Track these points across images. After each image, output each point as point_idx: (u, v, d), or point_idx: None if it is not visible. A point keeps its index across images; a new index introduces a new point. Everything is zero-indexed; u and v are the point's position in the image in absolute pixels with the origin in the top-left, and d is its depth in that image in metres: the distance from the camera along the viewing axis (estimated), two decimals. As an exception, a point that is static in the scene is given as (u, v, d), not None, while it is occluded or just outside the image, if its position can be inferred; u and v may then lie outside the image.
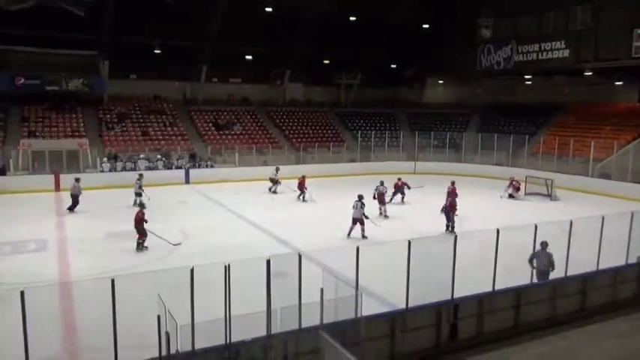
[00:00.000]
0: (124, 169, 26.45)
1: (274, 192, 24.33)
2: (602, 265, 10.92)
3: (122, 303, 6.84)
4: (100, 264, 12.85)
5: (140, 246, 14.57)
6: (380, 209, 19.19)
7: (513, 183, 23.64)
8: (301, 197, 22.60)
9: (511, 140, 30.88)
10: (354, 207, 16.03)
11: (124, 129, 30.32)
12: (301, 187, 22.69)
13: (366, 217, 16.03)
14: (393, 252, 9.00)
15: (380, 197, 19.39)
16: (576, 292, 10.58)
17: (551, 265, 10.54)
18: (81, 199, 19.71)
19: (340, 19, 31.19)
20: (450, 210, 16.78)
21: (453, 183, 19.99)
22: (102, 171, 25.80)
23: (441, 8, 32.46)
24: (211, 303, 7.31)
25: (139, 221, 14.52)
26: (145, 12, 27.69)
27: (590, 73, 27.98)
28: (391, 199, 20.86)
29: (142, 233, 14.53)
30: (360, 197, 16.14)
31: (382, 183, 19.96)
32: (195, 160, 28.60)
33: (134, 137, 29.90)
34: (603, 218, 10.86)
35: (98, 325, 7.40)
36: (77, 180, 20.08)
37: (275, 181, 24.55)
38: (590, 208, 18.92)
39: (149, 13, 27.87)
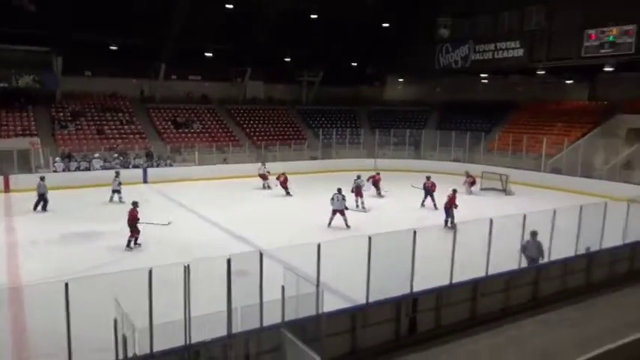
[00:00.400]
0: (77, 168, 25.64)
1: (268, 187, 24.59)
2: (553, 257, 11.38)
3: (78, 307, 6.64)
4: (53, 267, 12.43)
5: (131, 244, 14.37)
6: (357, 201, 20.08)
7: (467, 178, 24.28)
8: (289, 193, 23.04)
9: (468, 137, 31.69)
10: (333, 199, 16.91)
11: (79, 127, 29.33)
12: (284, 184, 23.11)
13: (346, 209, 17.00)
14: (355, 247, 9.08)
15: (357, 190, 20.32)
16: (529, 283, 10.99)
17: (540, 254, 11.19)
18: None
19: (301, 17, 31.11)
20: (449, 206, 17.17)
21: (428, 178, 20.87)
22: (55, 171, 24.79)
23: (401, 7, 32.89)
24: (172, 304, 7.19)
25: (134, 219, 14.37)
26: (101, 7, 26.85)
27: (543, 72, 29.03)
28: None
29: (134, 231, 14.38)
30: (340, 190, 17.04)
31: (359, 177, 20.96)
32: (152, 159, 27.95)
33: (89, 136, 28.96)
34: (555, 212, 11.29)
35: (52, 331, 7.17)
36: (42, 179, 19.90)
37: (265, 177, 24.84)
38: (542, 202, 19.57)
39: (105, 8, 27.01)
